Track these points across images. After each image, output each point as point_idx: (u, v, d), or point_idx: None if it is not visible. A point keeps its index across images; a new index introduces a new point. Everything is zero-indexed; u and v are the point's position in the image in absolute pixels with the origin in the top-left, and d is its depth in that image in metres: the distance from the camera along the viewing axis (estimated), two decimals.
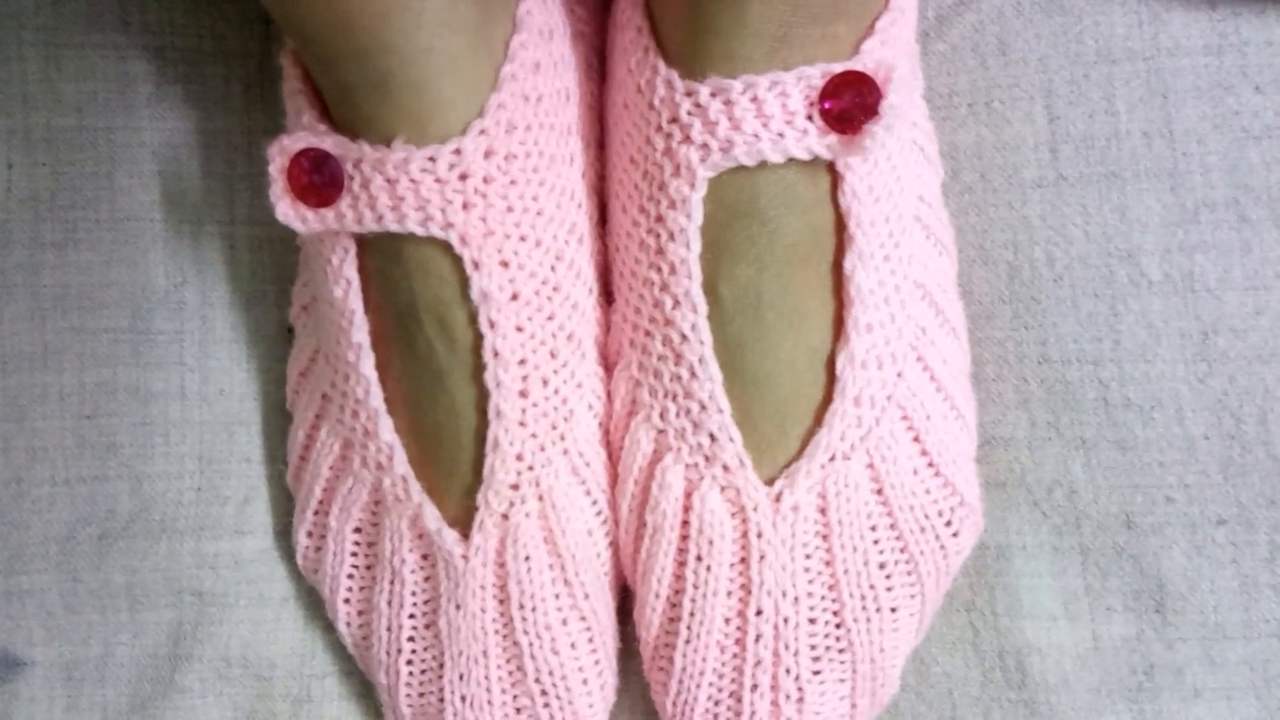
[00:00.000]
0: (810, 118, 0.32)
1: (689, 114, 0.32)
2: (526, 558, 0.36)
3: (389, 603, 0.37)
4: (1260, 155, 0.38)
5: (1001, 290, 0.40)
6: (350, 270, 0.34)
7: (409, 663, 0.38)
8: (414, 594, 0.37)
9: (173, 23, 0.42)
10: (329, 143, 0.33)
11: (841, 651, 0.36)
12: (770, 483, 0.35)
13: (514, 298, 0.34)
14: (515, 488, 0.35)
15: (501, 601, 0.36)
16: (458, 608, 0.36)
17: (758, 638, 0.35)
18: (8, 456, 0.41)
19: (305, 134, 0.33)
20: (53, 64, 0.41)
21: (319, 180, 0.33)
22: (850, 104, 0.31)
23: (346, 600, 0.39)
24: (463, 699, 0.37)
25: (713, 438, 0.35)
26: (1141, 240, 0.39)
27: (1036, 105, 0.40)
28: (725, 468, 0.35)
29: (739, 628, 0.35)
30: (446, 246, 0.33)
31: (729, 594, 0.35)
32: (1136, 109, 0.39)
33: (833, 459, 0.35)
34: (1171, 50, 0.39)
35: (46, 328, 0.41)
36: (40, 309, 0.41)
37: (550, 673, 0.37)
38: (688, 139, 0.32)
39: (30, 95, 0.41)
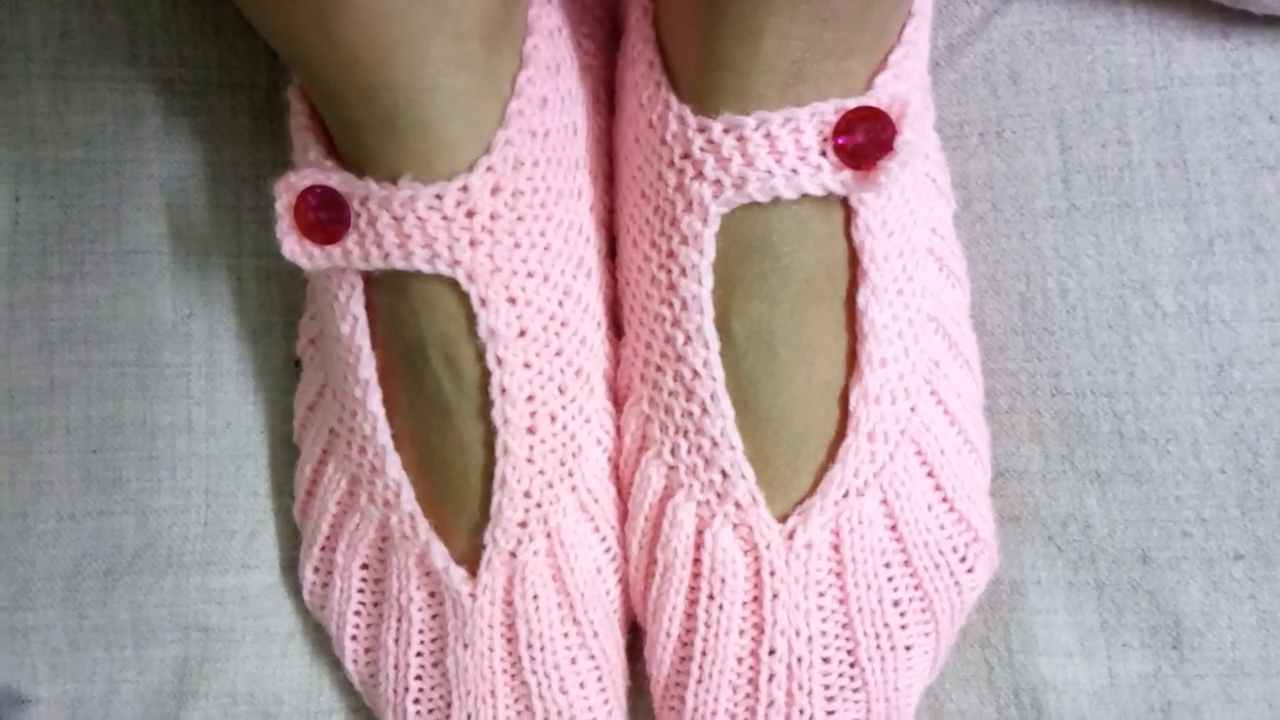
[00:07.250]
0: (824, 153, 0.31)
1: (702, 150, 0.32)
2: (535, 596, 0.35)
3: (396, 641, 0.37)
4: (1275, 185, 0.38)
5: (1014, 321, 0.40)
6: (357, 306, 0.34)
7: (416, 701, 0.37)
8: (421, 632, 0.36)
9: (181, 55, 0.42)
10: (335, 180, 0.32)
11: (856, 691, 0.35)
12: (783, 520, 0.34)
13: (521, 334, 0.34)
14: (523, 525, 0.35)
15: (509, 640, 0.36)
16: (465, 647, 0.36)
17: (771, 677, 0.35)
18: (13, 491, 0.40)
19: (312, 170, 0.33)
20: (61, 97, 0.41)
21: (325, 217, 0.32)
22: (864, 140, 0.31)
23: (354, 637, 0.38)
24: None
25: (725, 475, 0.34)
26: (1155, 271, 0.38)
27: (1048, 135, 0.39)
28: (737, 505, 0.34)
29: (752, 667, 0.35)
30: (453, 283, 0.33)
31: (741, 633, 0.35)
32: (1149, 139, 0.39)
33: (846, 495, 0.34)
34: (1184, 80, 0.39)
35: (53, 361, 0.41)
36: (48, 342, 0.41)
37: (559, 713, 0.36)
38: (700, 175, 0.32)
39: (38, 128, 0.41)
